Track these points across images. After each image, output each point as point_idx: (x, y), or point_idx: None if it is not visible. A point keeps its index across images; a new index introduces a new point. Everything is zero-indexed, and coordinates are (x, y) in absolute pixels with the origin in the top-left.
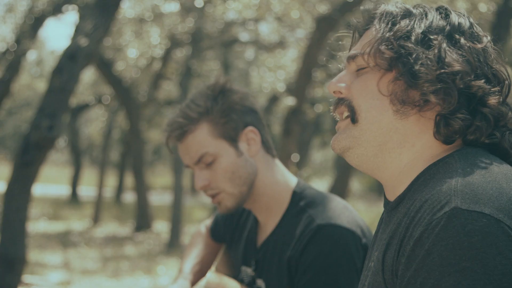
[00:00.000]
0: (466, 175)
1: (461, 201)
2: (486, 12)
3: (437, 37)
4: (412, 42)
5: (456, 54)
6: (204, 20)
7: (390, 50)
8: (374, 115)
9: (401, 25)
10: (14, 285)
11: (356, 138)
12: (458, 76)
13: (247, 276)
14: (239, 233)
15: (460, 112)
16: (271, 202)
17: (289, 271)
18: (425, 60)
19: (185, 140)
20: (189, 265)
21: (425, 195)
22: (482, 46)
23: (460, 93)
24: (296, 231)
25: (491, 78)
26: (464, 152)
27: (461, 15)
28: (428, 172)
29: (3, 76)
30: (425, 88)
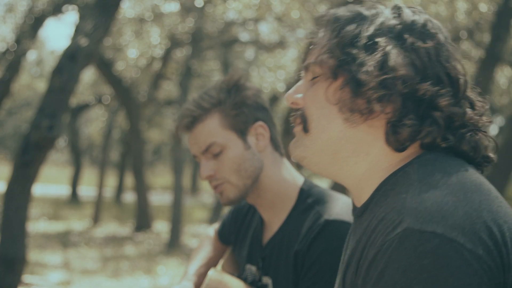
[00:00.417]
0: (422, 189)
1: (413, 221)
2: (486, 12)
3: (383, 39)
4: (357, 47)
5: (401, 57)
6: (204, 20)
7: (333, 58)
8: (323, 124)
9: (347, 30)
10: (14, 285)
11: (308, 148)
12: (400, 81)
13: (251, 275)
14: (244, 232)
15: (408, 118)
16: (276, 199)
17: (295, 266)
18: (368, 66)
19: (195, 129)
20: (194, 267)
21: (382, 212)
22: (433, 44)
23: (406, 98)
24: (303, 227)
25: (443, 77)
26: (424, 159)
27: (416, 12)
28: (389, 182)
29: (3, 76)
30: (369, 95)
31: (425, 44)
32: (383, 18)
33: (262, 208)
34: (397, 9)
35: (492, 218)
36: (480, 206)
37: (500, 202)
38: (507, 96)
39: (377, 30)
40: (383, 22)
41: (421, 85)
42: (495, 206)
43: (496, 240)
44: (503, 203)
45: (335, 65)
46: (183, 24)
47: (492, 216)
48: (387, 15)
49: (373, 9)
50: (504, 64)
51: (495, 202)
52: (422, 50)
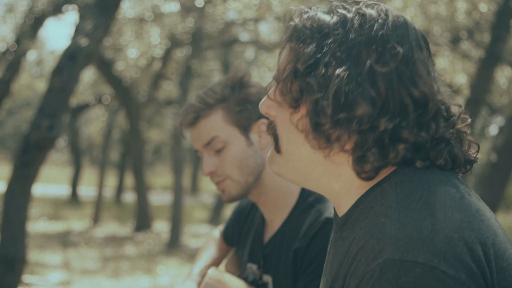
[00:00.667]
0: (401, 213)
1: (393, 250)
2: (486, 12)
3: (339, 69)
4: (315, 76)
5: (358, 90)
6: (204, 20)
7: (291, 92)
8: (293, 148)
9: (306, 54)
10: (14, 285)
11: (282, 166)
12: (356, 120)
13: (252, 273)
14: (247, 232)
15: (370, 153)
16: (278, 197)
17: (294, 263)
18: (324, 105)
19: (198, 124)
20: (198, 267)
21: (362, 236)
22: (394, 66)
23: (365, 134)
24: (303, 225)
25: (407, 102)
26: (401, 174)
27: (379, 16)
28: (367, 198)
29: (3, 76)
30: (327, 133)
31: (385, 69)
32: (343, 32)
33: (264, 206)
34: (360, 15)
35: (475, 237)
36: (461, 226)
37: (481, 216)
38: (507, 96)
39: (335, 54)
40: (343, 40)
41: (380, 121)
42: (476, 222)
43: (479, 261)
44: (484, 216)
45: (295, 98)
46: (183, 24)
47: (474, 235)
48: (349, 25)
49: (335, 15)
50: (504, 64)
51: (476, 218)
52: (382, 77)
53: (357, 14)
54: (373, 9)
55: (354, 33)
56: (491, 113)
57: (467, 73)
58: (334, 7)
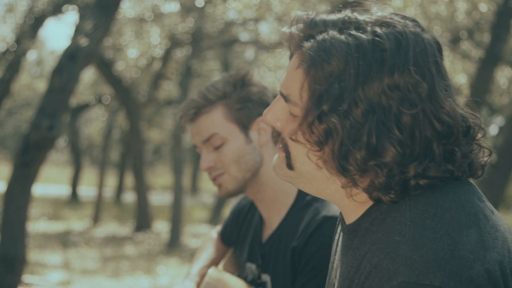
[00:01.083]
0: (416, 232)
1: (409, 272)
2: (486, 12)
3: (366, 114)
4: (342, 123)
5: (387, 135)
6: (204, 20)
7: (316, 132)
8: (307, 169)
9: (331, 94)
10: (14, 285)
11: (294, 179)
12: (386, 169)
13: (251, 273)
14: (245, 232)
15: (392, 188)
16: (276, 195)
17: (292, 262)
18: (353, 151)
19: (199, 119)
20: (197, 268)
21: (375, 254)
22: (420, 104)
23: (390, 177)
24: (301, 223)
25: (433, 137)
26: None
27: (401, 43)
28: (378, 209)
29: (3, 76)
30: (353, 178)
31: (412, 110)
32: (364, 64)
33: (262, 204)
34: (377, 42)
35: (491, 257)
36: (477, 246)
37: (495, 232)
38: (507, 96)
39: (357, 92)
40: (365, 75)
41: (409, 166)
42: (491, 241)
43: (496, 282)
44: (499, 231)
45: (320, 142)
46: (183, 24)
47: (490, 255)
48: (368, 56)
49: (350, 37)
50: (504, 64)
51: (491, 235)
52: (408, 118)
53: (374, 39)
54: (388, 29)
55: (375, 65)
56: (491, 113)
57: (467, 73)
58: (346, 26)
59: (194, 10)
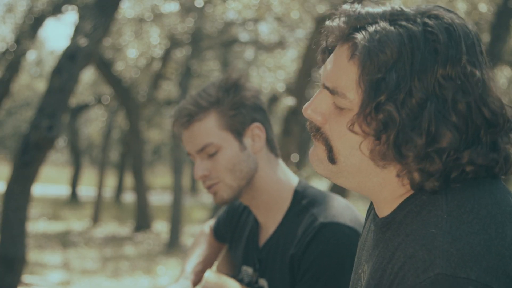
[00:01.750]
0: (453, 226)
1: (445, 265)
2: (486, 12)
3: (424, 100)
4: (399, 112)
5: (445, 121)
6: (204, 20)
7: (373, 123)
8: (353, 162)
9: (388, 83)
10: (14, 285)
11: (334, 173)
12: (445, 155)
13: (248, 276)
14: (239, 233)
15: (441, 176)
16: (271, 200)
17: (291, 270)
18: (413, 138)
19: (191, 127)
20: (191, 265)
21: (409, 245)
22: (473, 92)
23: (448, 163)
24: (298, 230)
25: (482, 126)
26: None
27: (452, 34)
28: (414, 202)
29: (3, 76)
30: (409, 164)
31: (466, 99)
32: (418, 52)
33: (257, 209)
34: (429, 32)
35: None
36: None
37: None
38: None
39: (415, 84)
40: (420, 62)
41: (464, 153)
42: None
43: None
44: None
45: (377, 132)
46: (183, 24)
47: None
48: (422, 47)
49: (402, 28)
50: (504, 64)
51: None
52: (463, 107)
53: (426, 30)
54: (437, 20)
55: (429, 56)
56: None
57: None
58: (395, 18)
59: (193, 10)
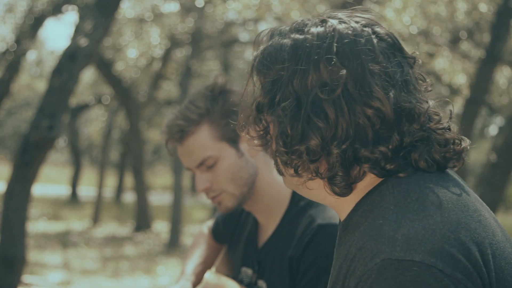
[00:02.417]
0: (398, 214)
1: (391, 250)
2: (486, 12)
3: (288, 103)
4: (271, 112)
5: (307, 124)
6: (204, 20)
7: (258, 128)
8: (290, 177)
9: (264, 88)
10: (14, 285)
11: (289, 184)
12: (305, 152)
13: (247, 277)
14: (239, 234)
15: (337, 174)
16: (271, 202)
17: (290, 271)
18: (279, 139)
19: (186, 142)
20: (191, 266)
21: (360, 238)
22: (340, 90)
23: (322, 160)
24: (297, 231)
25: (363, 122)
26: (398, 176)
27: (323, 40)
28: (366, 202)
29: (3, 76)
30: (291, 164)
31: (331, 95)
32: (295, 61)
33: (258, 213)
34: (309, 39)
35: (471, 237)
36: (458, 226)
37: (478, 216)
38: (507, 96)
39: (287, 88)
40: (294, 70)
41: (331, 147)
42: (473, 223)
43: (475, 260)
44: (482, 216)
45: (262, 133)
46: (183, 24)
47: (471, 235)
48: (300, 53)
49: (290, 39)
50: (504, 64)
51: (473, 218)
52: (329, 104)
53: (305, 38)
54: (321, 27)
55: (304, 61)
56: (491, 113)
57: (467, 73)
58: (291, 30)
59: (194, 10)
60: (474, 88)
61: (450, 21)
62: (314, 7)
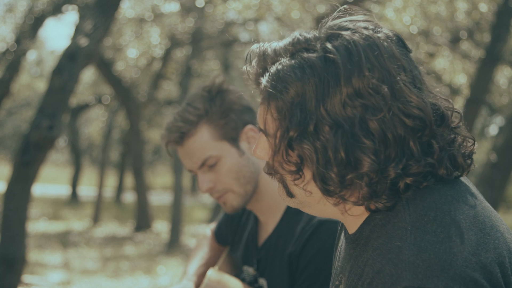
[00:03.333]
0: (417, 237)
1: (412, 277)
2: (486, 12)
3: (330, 128)
4: (310, 143)
5: (356, 145)
6: (204, 20)
7: (290, 161)
8: (303, 194)
9: (295, 121)
10: (14, 285)
11: (298, 204)
12: (366, 178)
13: (249, 276)
14: (240, 234)
15: (380, 195)
16: (273, 200)
17: (290, 268)
18: (328, 171)
19: (186, 143)
20: (193, 267)
21: (377, 260)
22: (385, 106)
23: (376, 184)
24: (296, 228)
25: (405, 134)
26: (413, 194)
27: (353, 48)
28: (378, 216)
29: (3, 76)
30: (339, 194)
31: (378, 115)
32: (319, 83)
33: (260, 212)
34: (326, 57)
35: (492, 258)
36: (478, 248)
37: (496, 233)
38: (507, 96)
39: (319, 112)
40: (323, 94)
41: (388, 169)
42: (492, 241)
43: (497, 283)
44: (499, 232)
45: (297, 166)
46: (183, 24)
47: (492, 256)
48: (320, 73)
49: (301, 59)
50: (504, 64)
51: (492, 235)
52: (375, 123)
53: (325, 56)
54: (337, 41)
55: (332, 80)
56: (491, 113)
57: (467, 73)
58: (297, 49)
59: (194, 10)
60: (474, 88)
61: (450, 21)
62: (314, 7)
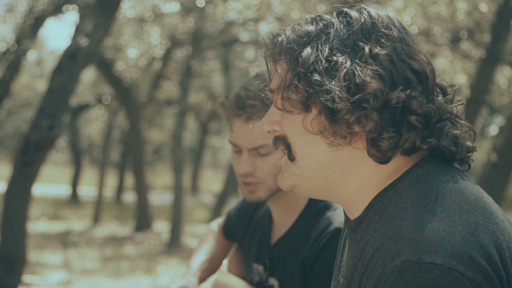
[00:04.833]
0: (417, 215)
1: (411, 252)
2: (486, 12)
3: (341, 58)
4: (319, 73)
5: (364, 70)
6: (204, 20)
7: (298, 93)
8: (308, 151)
9: (304, 58)
10: (14, 285)
11: (298, 176)
12: (371, 97)
13: (258, 274)
14: (252, 231)
15: (386, 131)
16: (293, 200)
17: (303, 271)
18: (337, 91)
19: (252, 123)
20: (198, 262)
21: (377, 238)
22: (391, 46)
23: (381, 111)
24: (312, 232)
25: (410, 76)
26: (415, 175)
27: (362, 12)
28: (381, 199)
29: (3, 76)
30: (346, 119)
31: (384, 50)
32: (333, 30)
33: (277, 208)
34: (343, 14)
35: (490, 240)
36: (477, 229)
37: (495, 218)
38: (507, 96)
39: (333, 48)
40: (335, 36)
41: (392, 94)
42: (491, 225)
43: (494, 264)
44: (498, 218)
45: (304, 99)
46: (183, 24)
47: (490, 238)
48: (336, 25)
49: (319, 22)
50: (504, 64)
51: (491, 220)
52: (382, 57)
53: (340, 15)
54: (354, 9)
55: (344, 29)
56: (491, 113)
57: (467, 73)
58: (316, 18)
59: (194, 10)
60: (474, 88)
61: (450, 21)
62: (315, 7)
